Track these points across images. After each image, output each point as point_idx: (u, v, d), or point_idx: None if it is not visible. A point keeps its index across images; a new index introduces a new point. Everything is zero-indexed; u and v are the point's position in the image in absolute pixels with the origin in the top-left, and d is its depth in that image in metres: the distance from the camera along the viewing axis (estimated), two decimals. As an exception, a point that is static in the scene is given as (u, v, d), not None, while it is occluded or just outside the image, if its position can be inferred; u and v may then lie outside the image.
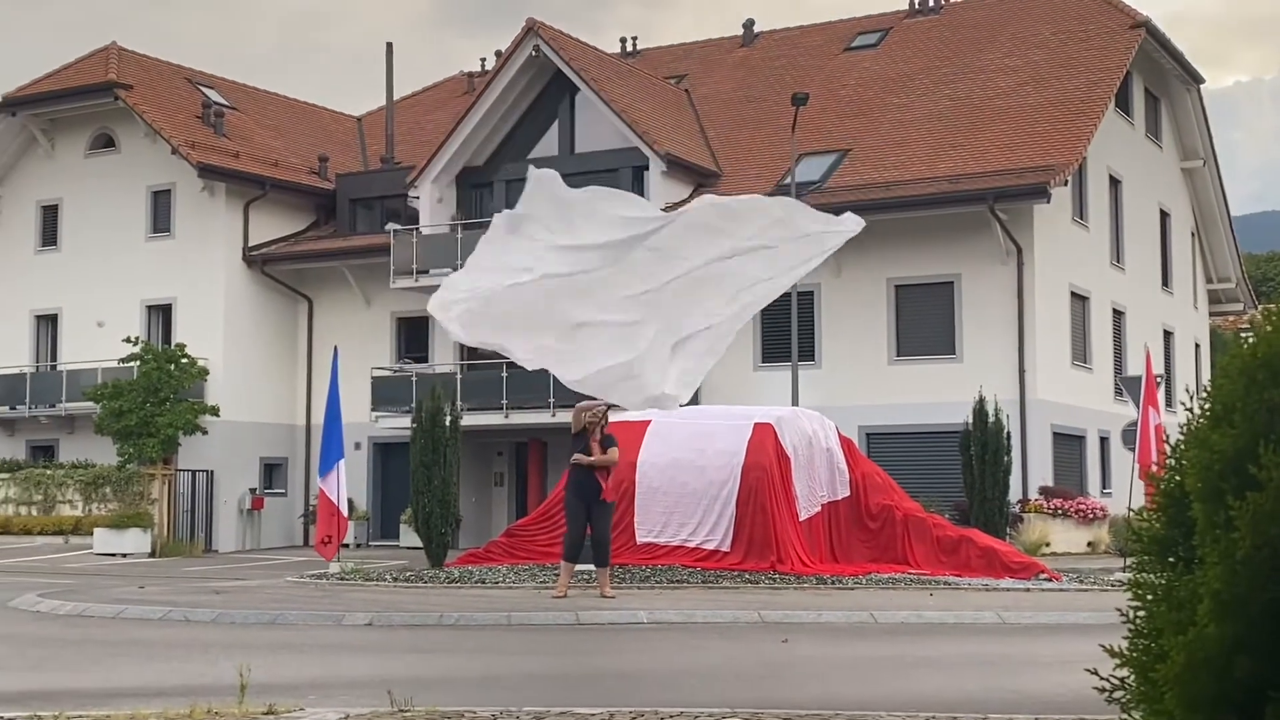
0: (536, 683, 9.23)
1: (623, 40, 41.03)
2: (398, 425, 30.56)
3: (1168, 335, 36.00)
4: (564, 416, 29.23)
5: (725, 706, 7.32)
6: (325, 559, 20.55)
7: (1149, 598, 3.17)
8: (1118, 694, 3.32)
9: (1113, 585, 16.52)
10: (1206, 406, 3.25)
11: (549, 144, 33.51)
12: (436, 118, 39.18)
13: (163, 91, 35.74)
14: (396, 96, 39.84)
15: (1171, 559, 3.23)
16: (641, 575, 17.18)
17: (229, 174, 33.78)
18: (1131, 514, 3.55)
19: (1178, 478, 3.26)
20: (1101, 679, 3.30)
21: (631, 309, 10.94)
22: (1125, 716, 3.34)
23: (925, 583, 16.86)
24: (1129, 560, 3.71)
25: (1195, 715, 3.04)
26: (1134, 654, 3.22)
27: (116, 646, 11.61)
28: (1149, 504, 3.47)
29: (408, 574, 18.68)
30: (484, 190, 34.27)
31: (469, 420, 29.27)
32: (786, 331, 27.70)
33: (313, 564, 22.36)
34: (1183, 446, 3.27)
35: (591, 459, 15.17)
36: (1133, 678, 3.23)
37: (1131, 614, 3.26)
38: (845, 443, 19.78)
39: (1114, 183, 33.04)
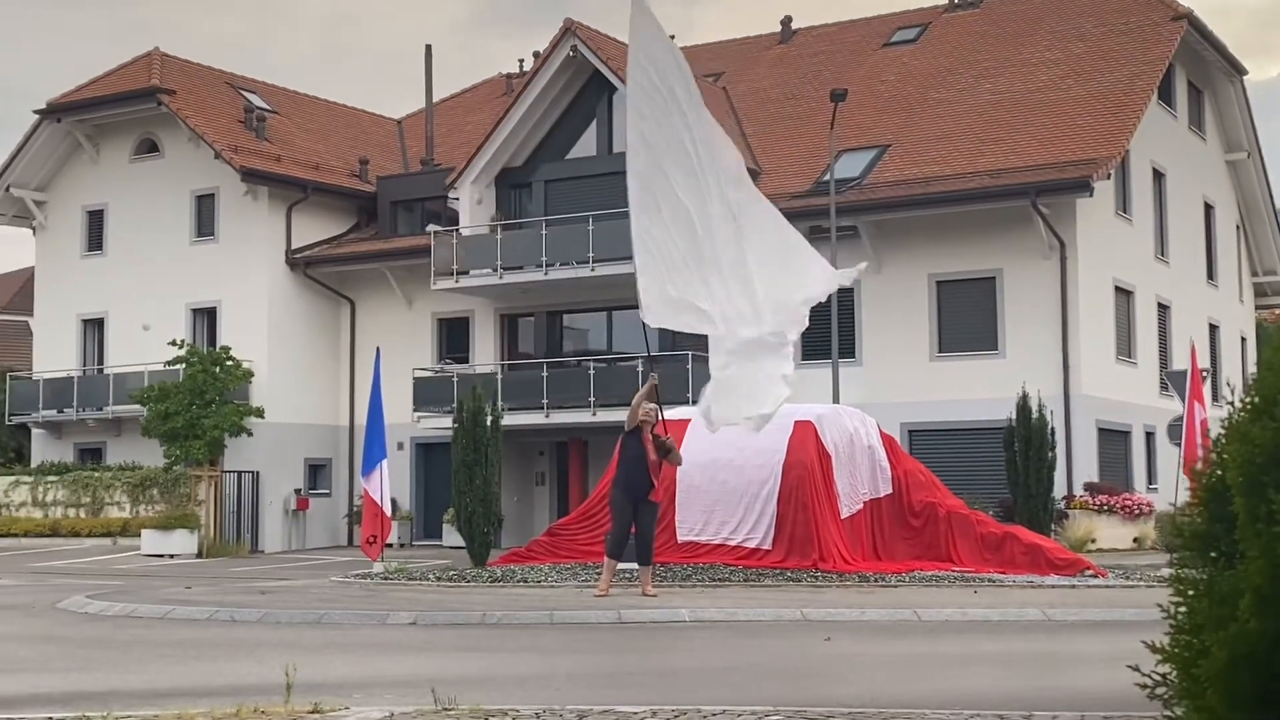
0: (579, 681, 9.26)
1: (661, 39, 40.94)
2: (440, 425, 30.68)
3: (1213, 329, 35.68)
4: (604, 416, 29.34)
5: (768, 704, 7.31)
6: (370, 559, 20.67)
7: (1190, 593, 3.15)
8: (1160, 690, 3.30)
9: (1159, 581, 16.39)
10: (1247, 400, 3.23)
11: (587, 143, 33.56)
12: (476, 119, 39.30)
13: (205, 96, 36.02)
14: (436, 98, 40.00)
15: (1214, 554, 3.21)
16: (683, 574, 17.17)
17: (271, 178, 34.02)
18: (1174, 509, 3.55)
19: (1219, 472, 3.23)
20: (1143, 675, 3.29)
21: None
22: (1168, 713, 3.33)
23: (969, 580, 16.78)
24: (1172, 556, 3.69)
25: (1237, 711, 3.03)
26: (1175, 650, 3.20)
27: (164, 647, 11.72)
28: (1190, 499, 3.45)
29: (451, 573, 18.74)
30: (523, 190, 34.36)
31: (510, 420, 29.36)
32: (827, 328, 27.62)
33: (357, 564, 22.49)
34: (1223, 440, 3.24)
35: (669, 453, 15.32)
36: (1174, 674, 3.21)
37: (1173, 610, 3.24)
38: (887, 440, 19.71)
39: (1157, 176, 32.77)
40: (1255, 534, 3.04)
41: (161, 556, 28.97)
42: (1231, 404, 3.31)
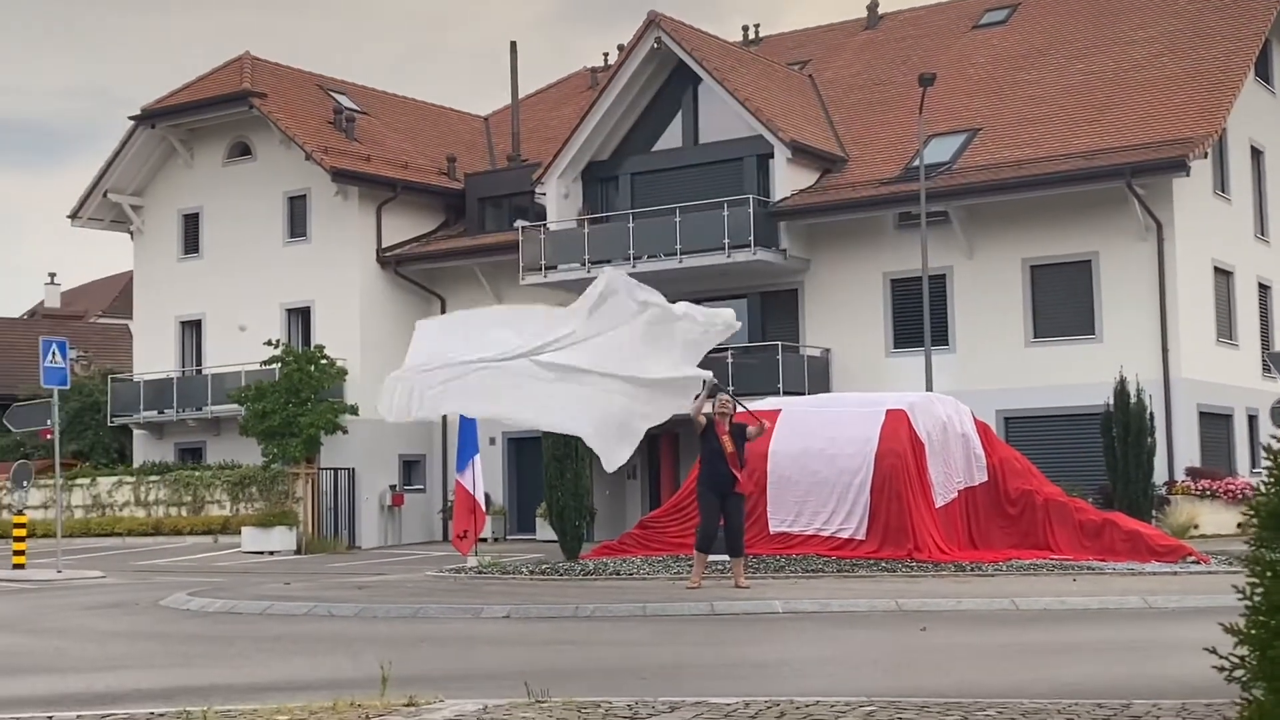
0: (672, 673, 9.24)
1: (745, 28, 40.86)
2: (532, 420, 30.77)
3: (1317, 309, 34.84)
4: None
5: (862, 695, 7.24)
6: (462, 553, 20.83)
7: (1268, 574, 3.05)
8: (1238, 673, 3.21)
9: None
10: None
11: (673, 136, 33.50)
12: (561, 114, 39.40)
13: (295, 98, 36.47)
14: (521, 94, 40.16)
15: (1291, 534, 3.11)
16: (776, 565, 17.11)
17: (361, 178, 34.37)
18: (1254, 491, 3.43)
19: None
20: (1221, 658, 3.19)
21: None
22: (1245, 695, 3.23)
23: (1068, 568, 16.53)
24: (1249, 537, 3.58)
25: (1313, 692, 2.92)
26: (1252, 632, 3.10)
27: (263, 642, 11.88)
28: (1267, 478, 3.34)
29: (544, 567, 18.83)
30: (609, 184, 34.38)
31: (602, 413, 29.40)
32: (919, 316, 27.37)
33: (452, 558, 22.66)
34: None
35: (751, 428, 15.47)
36: (1251, 656, 3.11)
37: (1249, 591, 3.14)
38: (981, 427, 19.49)
39: (1255, 153, 32.07)
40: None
41: (261, 553, 29.42)
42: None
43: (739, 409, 15.89)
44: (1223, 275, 29.80)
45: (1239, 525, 26.65)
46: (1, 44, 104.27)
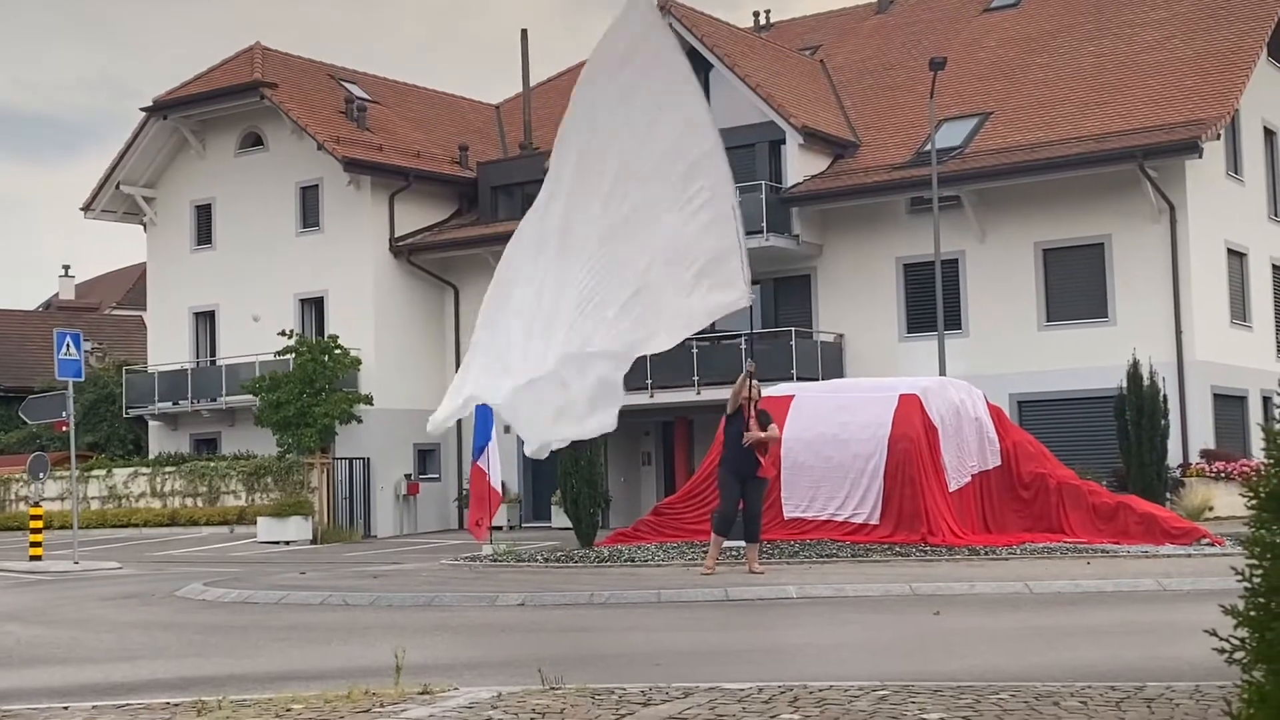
0: (686, 659, 9.26)
1: (756, 14, 40.75)
2: (545, 408, 30.80)
3: (1332, 289, 34.71)
4: (708, 395, 29.29)
5: (876, 679, 7.26)
6: (478, 540, 20.87)
7: (1267, 556, 3.05)
8: (1238, 655, 3.21)
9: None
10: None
11: (685, 122, 33.39)
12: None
13: (306, 89, 36.50)
14: (533, 82, 40.13)
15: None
16: (790, 550, 17.12)
17: (373, 167, 34.40)
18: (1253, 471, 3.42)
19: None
20: (1221, 640, 3.20)
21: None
22: (1246, 677, 3.23)
23: (1082, 551, 16.52)
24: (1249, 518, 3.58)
25: (1310, 673, 2.93)
26: (1251, 613, 3.10)
27: (278, 631, 11.93)
28: (1266, 459, 3.34)
29: (558, 554, 18.87)
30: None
31: (615, 401, 29.36)
32: (932, 301, 27.34)
33: (467, 547, 22.72)
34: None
35: (758, 435, 15.08)
36: (1251, 638, 3.12)
37: (1248, 573, 3.14)
38: (994, 411, 19.47)
39: (1268, 134, 31.92)
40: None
41: (277, 543, 29.52)
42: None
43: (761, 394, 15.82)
44: (1236, 257, 29.70)
45: (1254, 507, 26.63)
46: (13, 37, 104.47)
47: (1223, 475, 26.39)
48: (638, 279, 10.82)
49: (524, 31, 39.21)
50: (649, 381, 31.01)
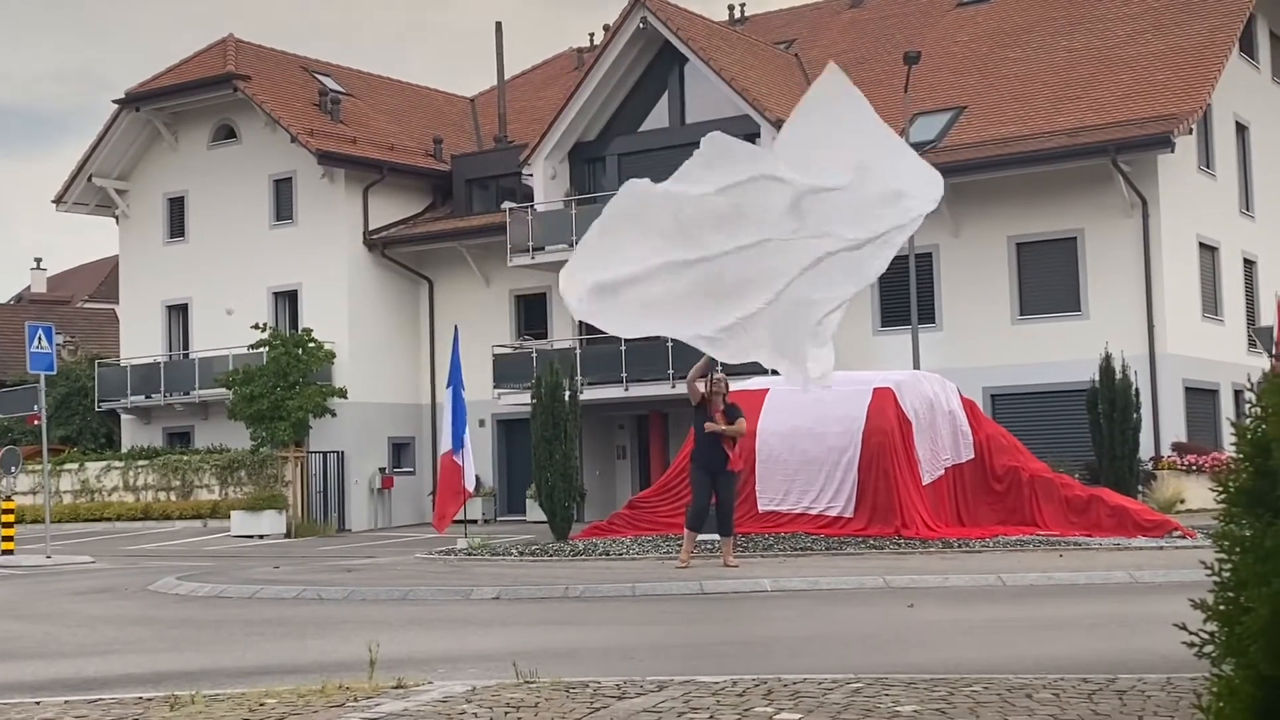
0: (661, 652, 9.27)
1: (730, 8, 40.77)
2: (520, 402, 30.81)
3: (1302, 283, 34.95)
4: (683, 388, 29.22)
5: (850, 672, 7.28)
6: (438, 531, 20.87)
7: (1236, 550, 3.07)
8: (1207, 649, 3.24)
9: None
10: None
11: (659, 116, 33.46)
12: (548, 95, 39.32)
13: (280, 81, 36.34)
14: (507, 75, 40.05)
15: (1260, 509, 3.13)
16: (764, 544, 17.15)
17: (347, 160, 34.29)
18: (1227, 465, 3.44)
19: (1263, 426, 3.15)
20: (1191, 634, 3.22)
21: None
22: (1215, 670, 3.26)
23: (1054, 544, 16.61)
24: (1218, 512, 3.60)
25: (1280, 667, 2.95)
26: (1220, 607, 3.13)
27: (252, 626, 11.89)
28: (1236, 453, 3.37)
29: (533, 548, 18.86)
30: (597, 165, 34.33)
31: (590, 394, 29.41)
32: (905, 294, 27.40)
33: (441, 540, 22.69)
34: (1267, 393, 3.16)
35: (723, 428, 15.11)
36: (1220, 632, 3.14)
37: (1217, 567, 3.17)
38: (968, 405, 19.54)
39: (1240, 129, 32.11)
40: (1294, 487, 2.96)
41: (251, 537, 29.42)
42: (1276, 357, 3.23)
43: (729, 389, 15.84)
44: (1208, 251, 29.87)
45: (1225, 500, 26.79)
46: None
47: (1194, 468, 26.56)
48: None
49: (499, 24, 39.16)
50: (623, 375, 31.04)
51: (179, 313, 37.27)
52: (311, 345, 31.98)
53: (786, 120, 10.74)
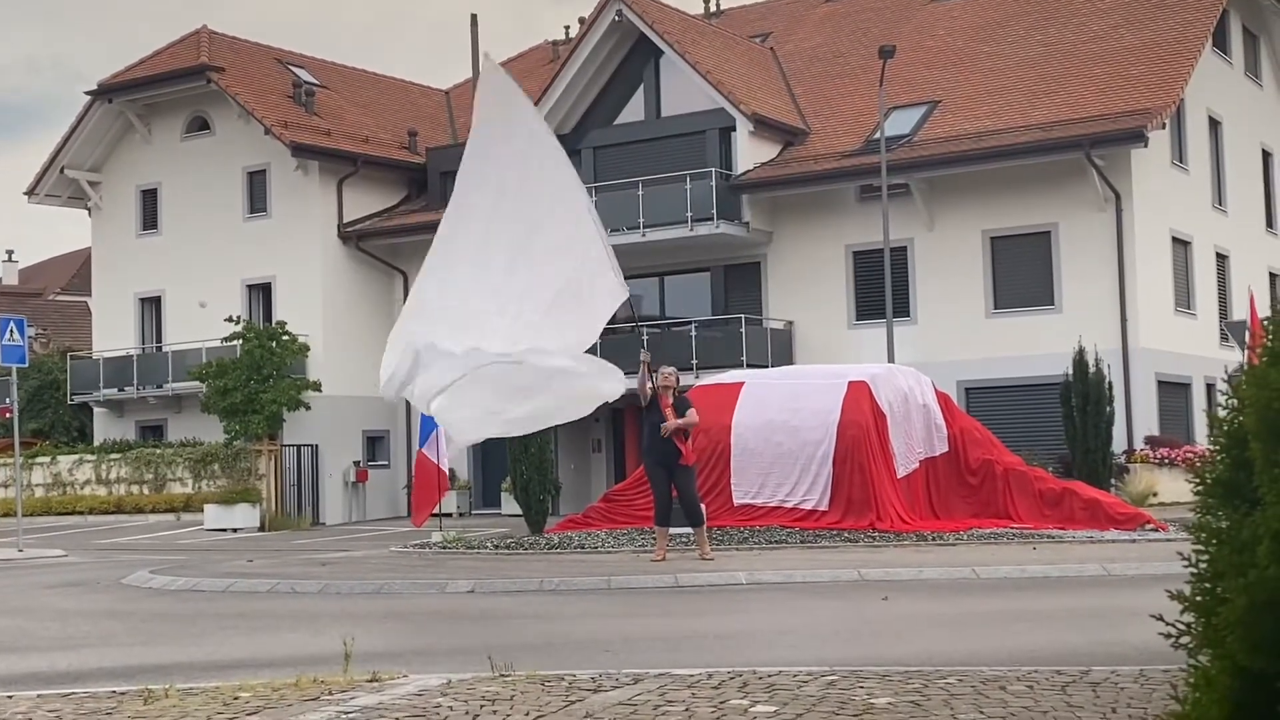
0: (636, 645, 9.28)
1: (706, 1, 40.75)
2: (495, 395, 30.75)
3: (1273, 277, 35.15)
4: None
5: (825, 664, 7.30)
6: (416, 526, 20.81)
7: (1213, 542, 3.10)
8: (1184, 640, 3.26)
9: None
10: (1266, 344, 3.17)
11: (635, 109, 33.43)
12: (523, 87, 39.21)
13: (254, 73, 36.18)
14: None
15: (1237, 501, 3.15)
16: (740, 537, 17.18)
17: (321, 152, 34.16)
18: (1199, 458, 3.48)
19: (1239, 418, 3.17)
20: (1168, 625, 3.24)
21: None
22: (1192, 662, 3.28)
23: (1028, 537, 16.67)
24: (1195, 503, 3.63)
25: (1258, 658, 2.98)
26: (1197, 598, 3.15)
27: (226, 620, 11.86)
28: (1212, 445, 3.39)
29: (509, 541, 18.84)
30: (573, 158, 34.17)
31: (565, 387, 29.30)
32: (881, 288, 27.48)
33: (416, 534, 22.66)
34: (1243, 385, 3.18)
35: (676, 423, 15.11)
36: (1197, 623, 3.17)
37: (1194, 558, 3.19)
38: (942, 398, 19.60)
39: (1213, 124, 32.28)
40: (1272, 479, 2.98)
41: (224, 531, 29.32)
42: (1249, 349, 3.26)
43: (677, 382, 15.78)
44: (1181, 245, 30.03)
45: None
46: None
47: (1167, 462, 26.70)
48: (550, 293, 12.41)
49: (474, 17, 39.02)
50: (599, 368, 30.99)
51: (152, 305, 37.08)
52: (285, 338, 31.87)
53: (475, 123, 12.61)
